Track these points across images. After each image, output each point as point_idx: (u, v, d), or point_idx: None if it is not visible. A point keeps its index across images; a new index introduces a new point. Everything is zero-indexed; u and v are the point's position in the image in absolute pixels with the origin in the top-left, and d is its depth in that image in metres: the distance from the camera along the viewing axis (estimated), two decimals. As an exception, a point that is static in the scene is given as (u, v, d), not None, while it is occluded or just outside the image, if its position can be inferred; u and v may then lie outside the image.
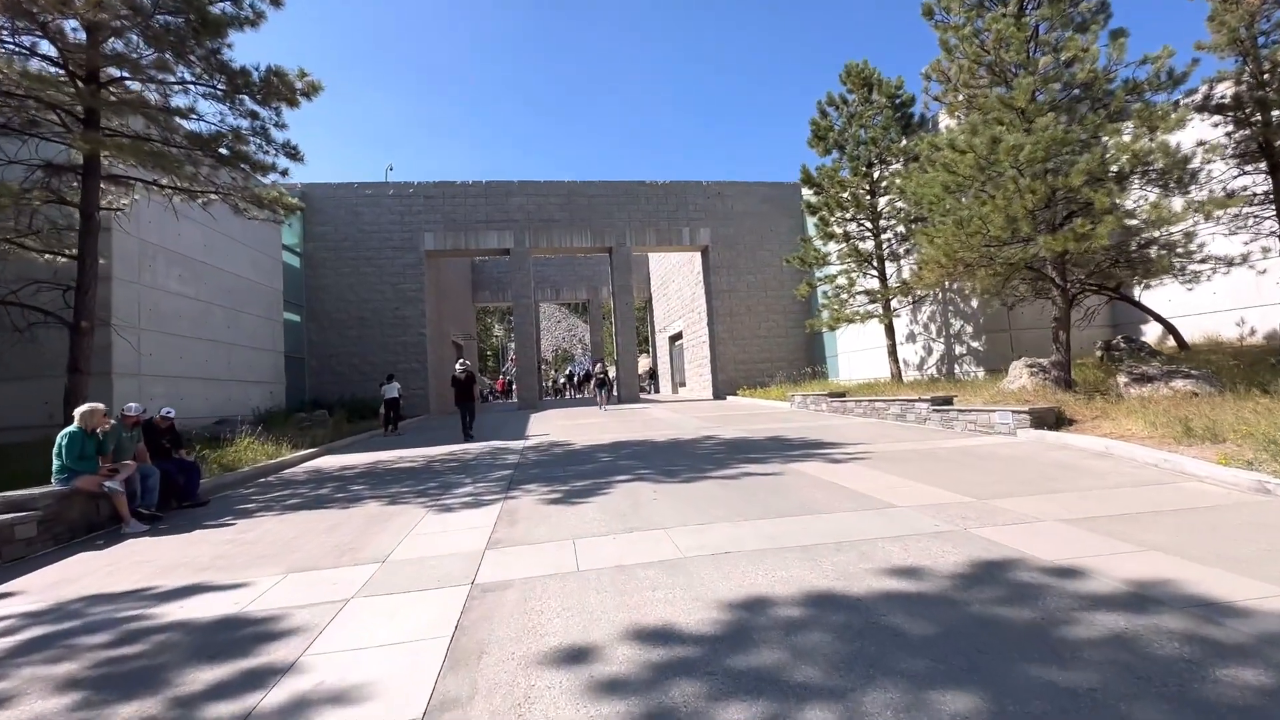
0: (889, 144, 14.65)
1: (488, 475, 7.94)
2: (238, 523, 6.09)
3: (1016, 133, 8.21)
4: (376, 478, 8.41)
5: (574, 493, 6.38)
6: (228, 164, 9.20)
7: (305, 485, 8.18)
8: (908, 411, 11.54)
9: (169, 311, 13.43)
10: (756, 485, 6.22)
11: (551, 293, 35.56)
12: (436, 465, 9.24)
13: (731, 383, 22.96)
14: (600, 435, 11.99)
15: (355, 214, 21.61)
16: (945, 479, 6.08)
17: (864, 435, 9.95)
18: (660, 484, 6.55)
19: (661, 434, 11.61)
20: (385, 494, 7.06)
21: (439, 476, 8.15)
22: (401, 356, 21.45)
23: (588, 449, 10.01)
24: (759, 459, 7.92)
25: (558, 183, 22.94)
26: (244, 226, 16.65)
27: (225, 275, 15.68)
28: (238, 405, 15.68)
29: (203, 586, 4.09)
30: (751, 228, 23.86)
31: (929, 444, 8.61)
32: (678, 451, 9.09)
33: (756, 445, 9.31)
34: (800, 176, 15.34)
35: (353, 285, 21.39)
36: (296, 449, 11.60)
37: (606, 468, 7.92)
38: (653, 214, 23.30)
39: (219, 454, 9.81)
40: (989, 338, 14.73)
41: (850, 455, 7.88)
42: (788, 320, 23.75)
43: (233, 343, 15.81)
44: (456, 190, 22.29)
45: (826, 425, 11.75)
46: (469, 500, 6.36)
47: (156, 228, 13.17)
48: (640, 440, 10.76)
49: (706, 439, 10.46)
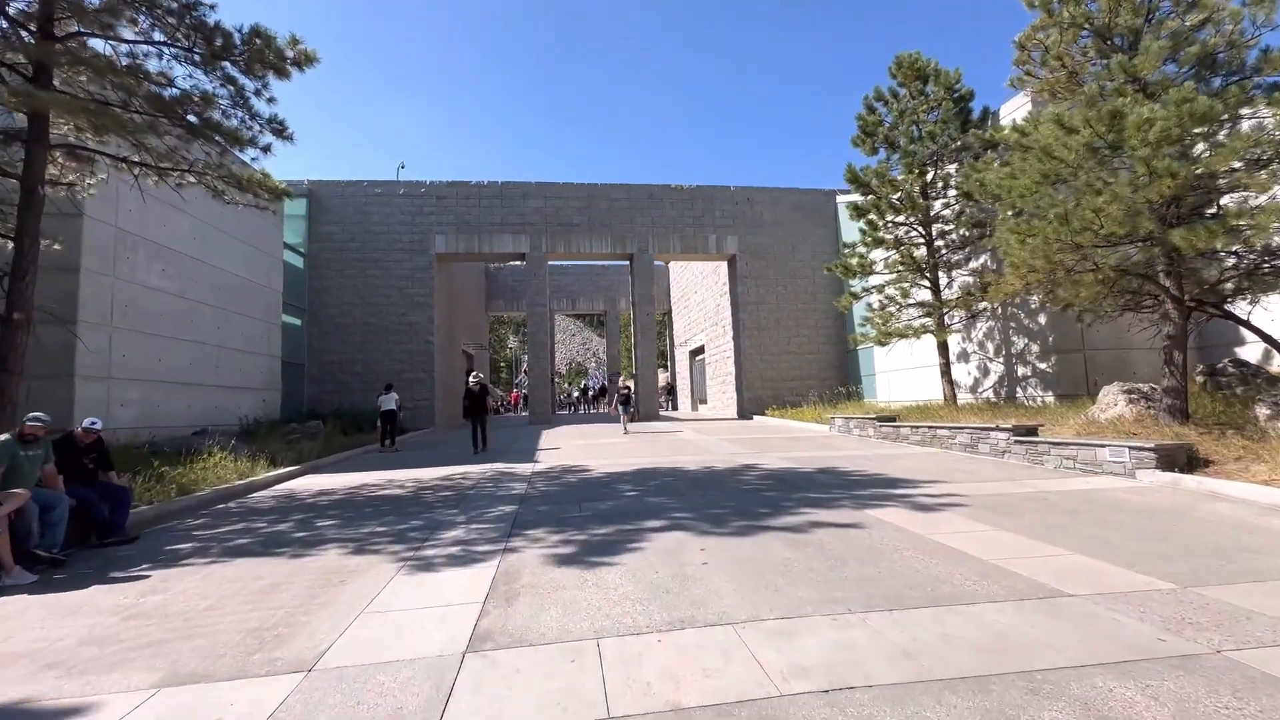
0: (947, 140, 13.13)
1: (485, 512, 6.44)
2: (154, 574, 4.64)
3: (1143, 106, 6.66)
4: (353, 510, 6.95)
5: (593, 545, 4.86)
6: (198, 135, 7.91)
7: (266, 517, 6.74)
8: (980, 441, 9.89)
9: (149, 309, 12.19)
10: (837, 544, 4.66)
11: (568, 302, 34.29)
12: (427, 494, 7.76)
13: (758, 401, 21.34)
14: (620, 459, 10.47)
15: (363, 213, 20.47)
16: (1091, 543, 4.48)
17: (934, 470, 8.33)
18: (707, 536, 5.01)
19: (691, 459, 10.07)
20: (355, 536, 5.59)
21: (427, 511, 6.67)
22: (407, 365, 20.14)
23: (607, 477, 8.49)
24: (823, 501, 6.35)
25: (577, 185, 21.67)
26: (239, 220, 15.51)
27: (217, 272, 14.47)
28: (225, 413, 14.39)
29: (16, 712, 2.62)
30: (781, 237, 22.38)
31: (1027, 485, 6.98)
32: (716, 485, 7.54)
33: (810, 480, 7.73)
34: (845, 175, 13.86)
35: (358, 288, 20.19)
36: (276, 466, 10.21)
37: (632, 506, 6.39)
38: (677, 219, 21.92)
39: (180, 472, 8.43)
40: (1060, 359, 13.03)
41: (936, 499, 6.29)
42: (819, 336, 22.14)
43: (222, 345, 14.56)
44: (470, 191, 21.10)
45: (882, 456, 10.13)
46: (456, 552, 4.86)
47: (137, 216, 11.98)
48: (668, 468, 9.22)
49: (747, 469, 8.89)
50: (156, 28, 8.14)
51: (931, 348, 16.28)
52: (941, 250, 13.64)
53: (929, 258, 13.17)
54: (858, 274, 14.28)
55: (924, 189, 13.42)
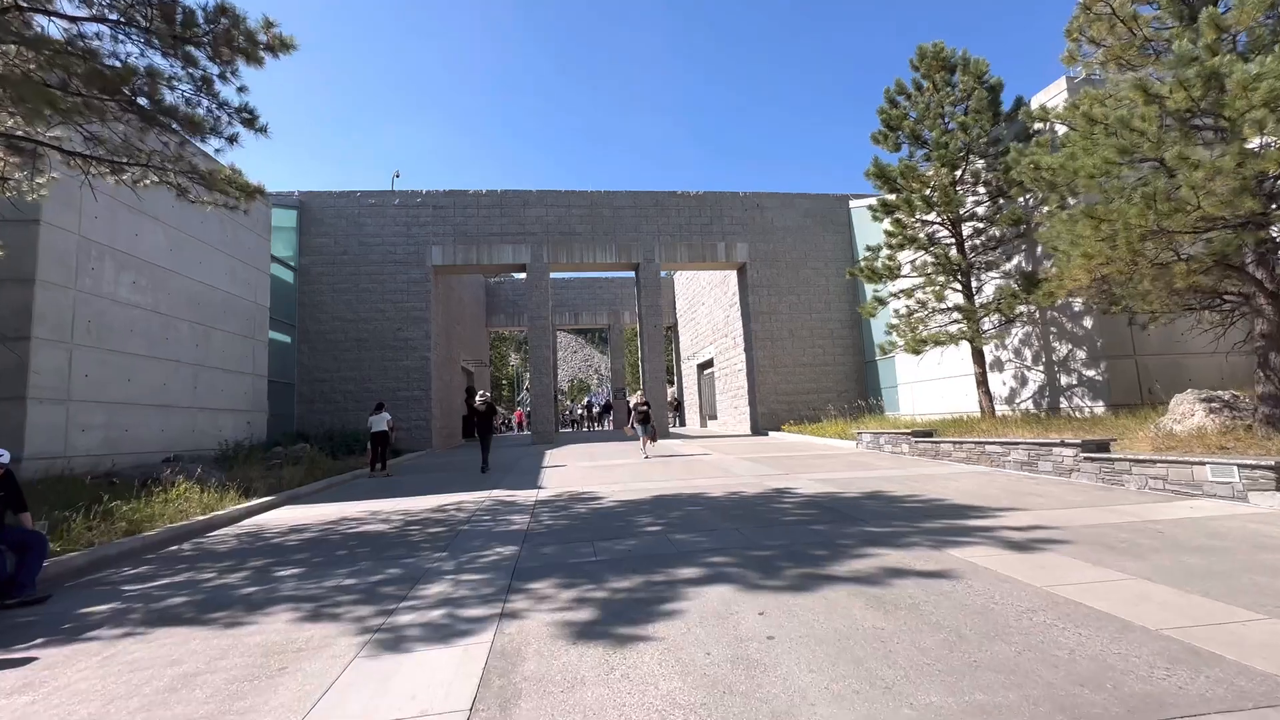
0: (979, 132, 12.17)
1: (480, 555, 5.33)
2: (42, 655, 3.55)
3: (1245, 64, 5.66)
4: (324, 552, 5.85)
5: (616, 607, 3.76)
6: (152, 121, 6.94)
7: (219, 563, 5.64)
8: (1040, 458, 8.77)
9: (117, 325, 11.19)
10: (937, 604, 3.56)
11: (570, 317, 33.30)
12: (414, 530, 6.65)
13: (773, 416, 20.21)
14: (633, 483, 9.35)
15: (356, 225, 19.56)
16: (1273, 598, 3.37)
17: (999, 494, 7.21)
18: (761, 592, 3.91)
19: (713, 483, 8.95)
20: (316, 592, 4.49)
21: (410, 554, 5.57)
22: (403, 383, 19.09)
23: (622, 507, 7.38)
24: (888, 537, 5.24)
25: (579, 193, 20.78)
26: (222, 231, 14.59)
27: (195, 285, 13.50)
28: (204, 437, 13.32)
29: None
30: (793, 244, 21.42)
31: (1122, 512, 5.86)
32: (752, 517, 6.43)
33: (861, 508, 6.61)
34: (869, 172, 12.88)
35: (351, 303, 19.21)
36: (249, 497, 9.12)
37: (657, 547, 5.28)
38: (684, 226, 20.99)
39: (134, 507, 7.35)
40: (1111, 365, 11.94)
41: (1025, 533, 5.18)
42: (836, 346, 21.08)
43: (201, 363, 13.53)
44: (468, 200, 20.21)
45: (928, 476, 9.01)
46: (439, 618, 3.76)
47: (105, 224, 11.04)
48: (689, 494, 8.10)
49: (781, 495, 7.77)
50: (112, 7, 7.25)
51: (961, 357, 15.22)
52: (975, 251, 12.62)
53: (961, 258, 12.13)
54: (884, 278, 13.24)
55: (953, 185, 12.43)
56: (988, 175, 12.59)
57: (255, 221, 16.12)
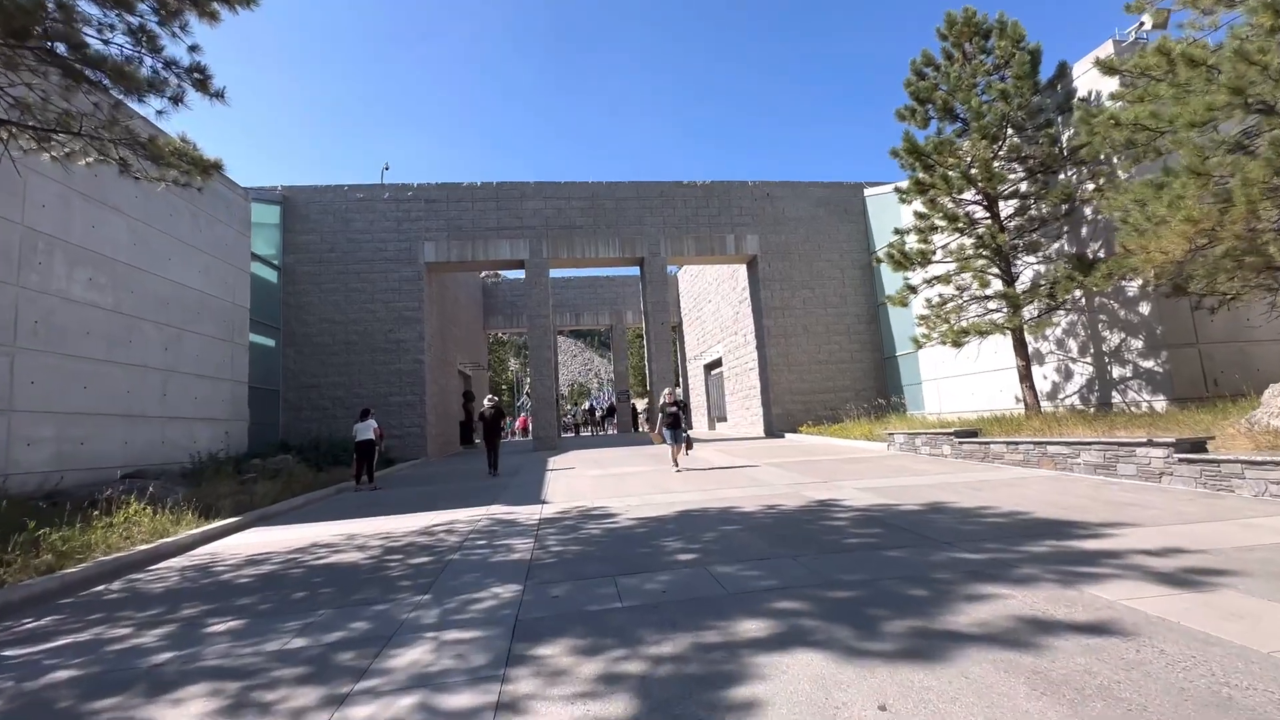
0: (1020, 101, 11.05)
1: (471, 600, 4.19)
2: None
3: None
4: (277, 595, 4.70)
5: (662, 689, 2.61)
6: (73, 73, 5.80)
7: (143, 613, 4.50)
8: (1119, 460, 7.63)
9: (71, 326, 10.05)
10: (1136, 688, 2.41)
11: (571, 317, 32.14)
12: (393, 562, 5.50)
13: (788, 417, 19.06)
14: (650, 495, 8.21)
15: (344, 221, 18.44)
16: None
17: (1087, 502, 6.08)
18: (865, 666, 2.76)
19: (743, 494, 7.81)
20: (248, 661, 3.34)
21: (384, 596, 4.43)
22: (395, 387, 17.94)
23: (643, 527, 6.23)
24: (992, 567, 4.10)
25: (580, 184, 19.67)
26: (194, 225, 13.46)
27: (163, 284, 12.36)
28: (176, 450, 12.17)
29: None
30: (806, 235, 20.31)
31: (1265, 527, 4.73)
32: (805, 537, 5.28)
33: (932, 525, 5.48)
34: (901, 147, 11.75)
35: (339, 303, 18.06)
36: (212, 518, 7.97)
37: (701, 586, 4.14)
38: (691, 218, 19.87)
39: (67, 535, 6.20)
40: (1173, 354, 10.81)
41: (1168, 559, 4.04)
42: (853, 343, 19.94)
43: (172, 369, 12.38)
44: (462, 193, 19.09)
45: (986, 482, 7.88)
46: (408, 711, 2.62)
47: (56, 214, 9.91)
48: (719, 508, 6.96)
49: (828, 508, 6.63)
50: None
51: (994, 350, 14.11)
52: (1014, 233, 11.49)
53: (1004, 240, 10.98)
54: (915, 264, 12.11)
55: (993, 158, 11.31)
56: (1029, 149, 11.49)
57: (232, 216, 15.00)
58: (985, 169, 10.52)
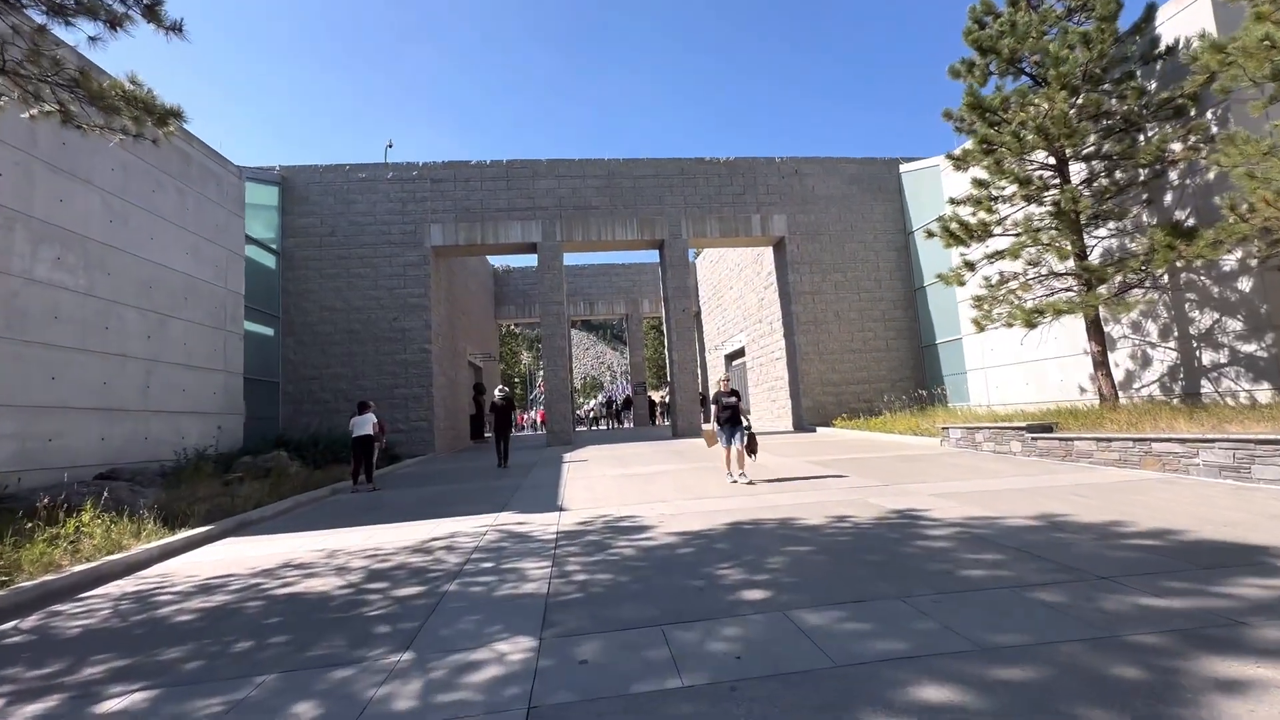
0: (1102, 49, 9.62)
1: (466, 669, 3.02)
2: None
3: None
4: (214, 647, 3.57)
5: None
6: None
7: (33, 670, 3.39)
8: (1253, 462, 6.30)
9: (34, 310, 9.05)
10: None
11: (585, 307, 30.98)
12: (373, 595, 4.34)
13: (819, 410, 17.77)
14: (685, 501, 7.02)
15: (345, 202, 17.36)
16: None
17: (1252, 518, 4.78)
18: None
19: (798, 501, 6.59)
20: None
21: (347, 659, 3.27)
22: (400, 379, 16.88)
23: (686, 545, 5.04)
24: (1208, 620, 2.86)
25: (595, 161, 18.42)
26: (181, 202, 12.43)
27: (145, 265, 11.34)
28: (160, 446, 11.18)
29: None
30: (837, 214, 18.92)
31: None
32: (903, 566, 4.06)
33: (1070, 550, 4.22)
34: (962, 105, 10.36)
35: (341, 290, 17.01)
36: (178, 527, 6.90)
37: (781, 647, 2.94)
38: (714, 198, 18.56)
39: None
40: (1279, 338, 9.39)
41: None
42: (888, 330, 18.57)
43: (155, 359, 11.38)
44: (470, 172, 17.92)
45: (1086, 486, 6.59)
46: None
47: (15, 184, 8.88)
48: (776, 519, 5.74)
49: (912, 522, 5.39)
50: None
51: (1055, 335, 12.70)
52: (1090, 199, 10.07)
53: (1088, 204, 9.57)
54: (975, 237, 10.74)
55: (1074, 113, 9.90)
56: (1110, 104, 10.06)
57: (224, 194, 13.96)
58: (1064, 124, 9.12)
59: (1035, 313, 9.62)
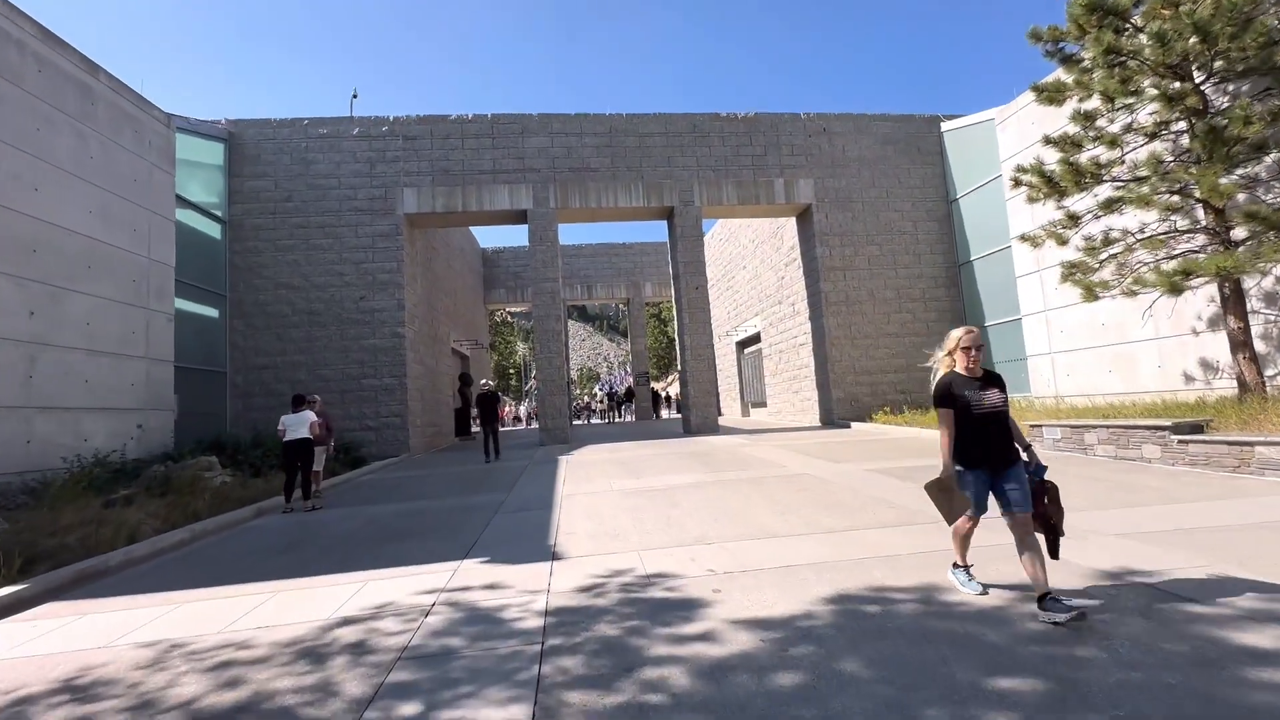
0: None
1: None
2: None
3: None
4: None
5: None
6: None
7: None
8: None
9: None
10: None
11: (583, 290, 28.57)
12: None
13: (852, 402, 15.51)
14: (740, 545, 4.74)
15: (304, 162, 14.91)
16: None
17: None
18: None
19: (912, 545, 4.33)
20: None
21: None
22: (369, 368, 14.53)
23: (780, 659, 2.75)
24: None
25: (594, 116, 15.99)
26: (79, 146, 9.98)
27: (29, 223, 8.94)
28: (49, 451, 8.82)
29: None
30: (870, 179, 16.57)
31: None
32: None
33: None
34: (1068, 14, 8.03)
35: (298, 264, 14.60)
36: (16, 574, 4.58)
37: None
38: (730, 159, 16.17)
39: None
40: None
41: None
42: (929, 310, 16.29)
43: (42, 341, 9.01)
44: (449, 128, 15.48)
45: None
46: None
47: None
48: (901, 589, 3.47)
49: (1168, 601, 3.11)
50: None
51: (1151, 311, 10.42)
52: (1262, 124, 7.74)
53: (1253, 132, 7.24)
54: (1082, 182, 8.40)
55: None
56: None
57: (144, 143, 11.51)
58: (1231, 13, 6.74)
59: (1181, 275, 7.30)
